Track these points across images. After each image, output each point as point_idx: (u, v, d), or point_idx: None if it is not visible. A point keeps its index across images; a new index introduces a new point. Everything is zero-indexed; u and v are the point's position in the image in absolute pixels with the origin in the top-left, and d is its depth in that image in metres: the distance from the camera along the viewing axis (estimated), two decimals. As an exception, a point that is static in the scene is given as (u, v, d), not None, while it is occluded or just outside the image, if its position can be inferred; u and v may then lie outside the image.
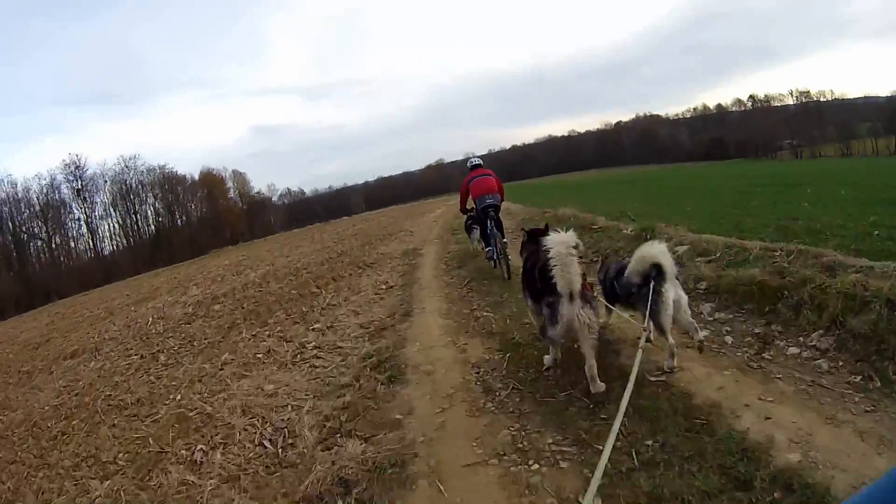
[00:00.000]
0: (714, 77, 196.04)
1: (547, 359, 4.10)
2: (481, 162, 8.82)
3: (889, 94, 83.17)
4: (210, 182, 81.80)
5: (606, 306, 4.32)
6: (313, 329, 6.89)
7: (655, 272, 3.57)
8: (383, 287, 8.66)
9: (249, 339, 7.33)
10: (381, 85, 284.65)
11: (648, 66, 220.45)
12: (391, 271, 10.24)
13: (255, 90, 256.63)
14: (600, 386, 3.53)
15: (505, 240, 7.98)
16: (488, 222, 8.04)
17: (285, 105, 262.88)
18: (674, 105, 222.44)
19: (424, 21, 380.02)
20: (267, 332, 7.44)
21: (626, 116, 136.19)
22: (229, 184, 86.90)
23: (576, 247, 3.52)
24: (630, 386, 2.35)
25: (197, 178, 79.95)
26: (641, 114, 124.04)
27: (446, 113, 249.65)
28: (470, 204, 8.65)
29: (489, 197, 8.10)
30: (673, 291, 3.56)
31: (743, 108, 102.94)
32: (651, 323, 3.51)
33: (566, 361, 4.02)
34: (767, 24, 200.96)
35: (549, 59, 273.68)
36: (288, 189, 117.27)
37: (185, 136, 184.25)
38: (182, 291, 17.07)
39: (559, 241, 3.51)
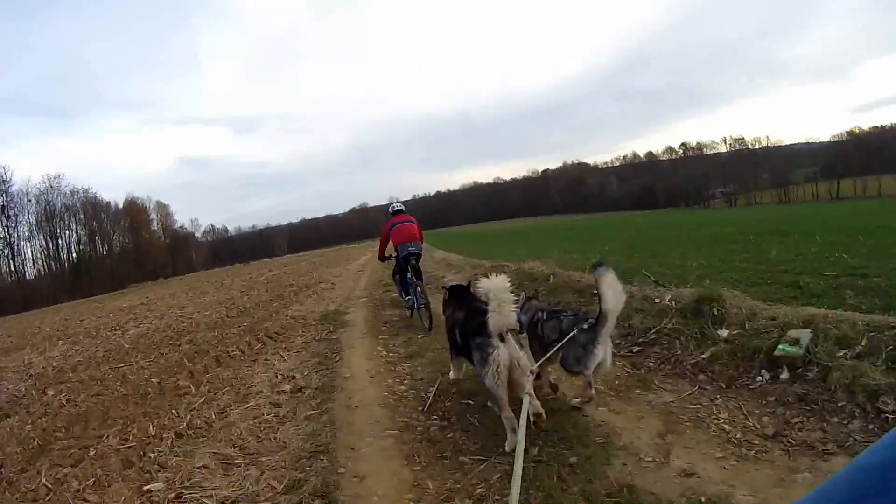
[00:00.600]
0: (644, 124, 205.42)
1: (511, 438, 3.29)
2: (403, 207, 8.40)
3: (830, 139, 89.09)
4: (133, 211, 76.64)
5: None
6: (144, 498, 3.63)
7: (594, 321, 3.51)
8: (286, 389, 5.40)
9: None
10: (309, 122, 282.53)
11: (577, 112, 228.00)
12: (302, 352, 7.04)
13: (186, 118, 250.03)
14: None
15: (425, 287, 7.58)
16: (408, 270, 7.69)
17: (215, 136, 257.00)
18: (602, 153, 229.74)
19: (353, 60, 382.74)
20: (68, 494, 4.01)
21: (554, 164, 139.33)
22: (153, 215, 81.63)
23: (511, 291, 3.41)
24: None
25: (121, 205, 74.93)
26: (569, 161, 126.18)
27: (372, 155, 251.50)
28: (391, 251, 8.21)
29: (411, 245, 7.72)
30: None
31: (674, 156, 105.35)
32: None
33: None
34: (701, 68, 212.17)
35: (476, 103, 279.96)
36: (212, 226, 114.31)
37: (112, 159, 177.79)
38: (44, 348, 13.02)
39: (495, 284, 3.37)
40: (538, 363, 3.53)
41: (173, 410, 5.30)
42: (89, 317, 20.14)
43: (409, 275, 7.67)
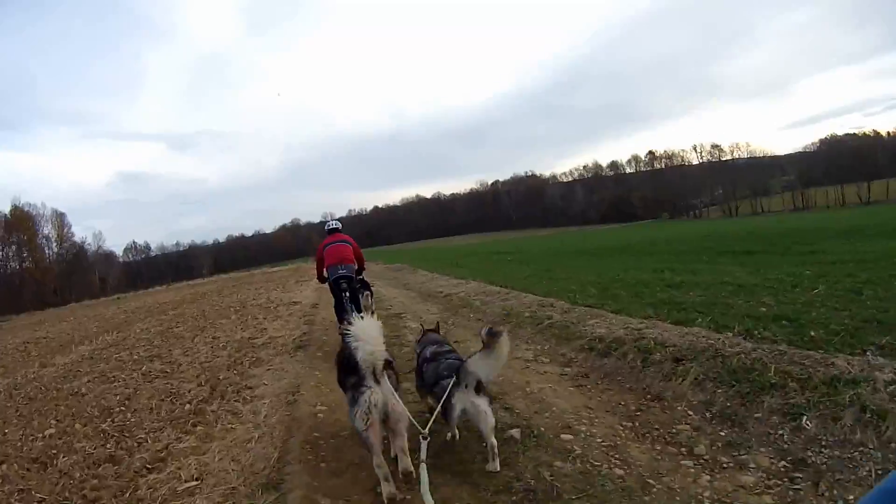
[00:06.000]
0: (586, 141, 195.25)
1: (385, 487, 2.85)
2: (339, 226, 7.63)
3: (803, 148, 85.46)
4: (18, 221, 59.71)
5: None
6: None
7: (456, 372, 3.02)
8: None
9: None
10: (242, 139, 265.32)
11: (511, 129, 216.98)
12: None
13: (121, 134, 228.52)
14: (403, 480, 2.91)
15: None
16: (343, 296, 6.94)
17: (150, 152, 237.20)
18: (547, 168, 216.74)
19: (287, 76, 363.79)
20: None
21: (502, 178, 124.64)
22: (46, 227, 63.39)
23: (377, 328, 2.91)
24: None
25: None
26: (522, 173, 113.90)
27: (306, 172, 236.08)
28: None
29: (342, 267, 7.00)
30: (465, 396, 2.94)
31: (641, 166, 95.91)
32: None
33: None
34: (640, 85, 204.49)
35: (408, 121, 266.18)
36: (133, 243, 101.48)
37: (48, 175, 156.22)
38: None
39: (361, 322, 2.90)
40: (428, 425, 2.81)
41: None
42: None
43: (344, 300, 6.89)
